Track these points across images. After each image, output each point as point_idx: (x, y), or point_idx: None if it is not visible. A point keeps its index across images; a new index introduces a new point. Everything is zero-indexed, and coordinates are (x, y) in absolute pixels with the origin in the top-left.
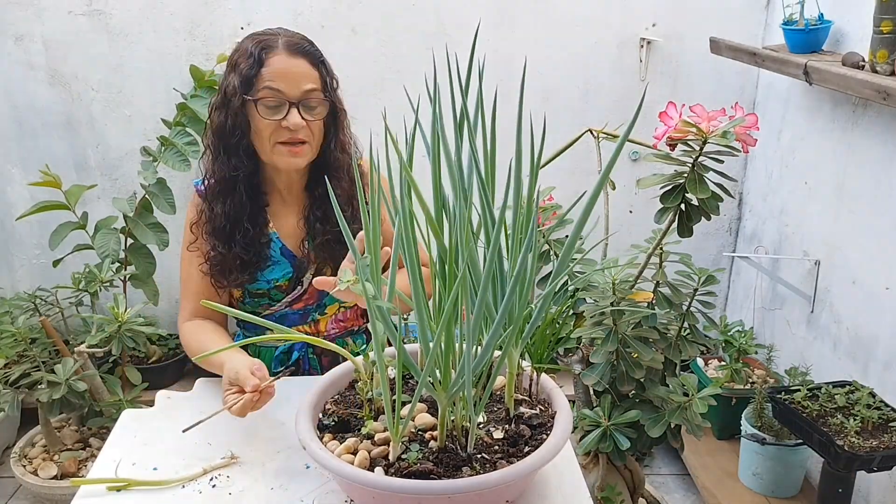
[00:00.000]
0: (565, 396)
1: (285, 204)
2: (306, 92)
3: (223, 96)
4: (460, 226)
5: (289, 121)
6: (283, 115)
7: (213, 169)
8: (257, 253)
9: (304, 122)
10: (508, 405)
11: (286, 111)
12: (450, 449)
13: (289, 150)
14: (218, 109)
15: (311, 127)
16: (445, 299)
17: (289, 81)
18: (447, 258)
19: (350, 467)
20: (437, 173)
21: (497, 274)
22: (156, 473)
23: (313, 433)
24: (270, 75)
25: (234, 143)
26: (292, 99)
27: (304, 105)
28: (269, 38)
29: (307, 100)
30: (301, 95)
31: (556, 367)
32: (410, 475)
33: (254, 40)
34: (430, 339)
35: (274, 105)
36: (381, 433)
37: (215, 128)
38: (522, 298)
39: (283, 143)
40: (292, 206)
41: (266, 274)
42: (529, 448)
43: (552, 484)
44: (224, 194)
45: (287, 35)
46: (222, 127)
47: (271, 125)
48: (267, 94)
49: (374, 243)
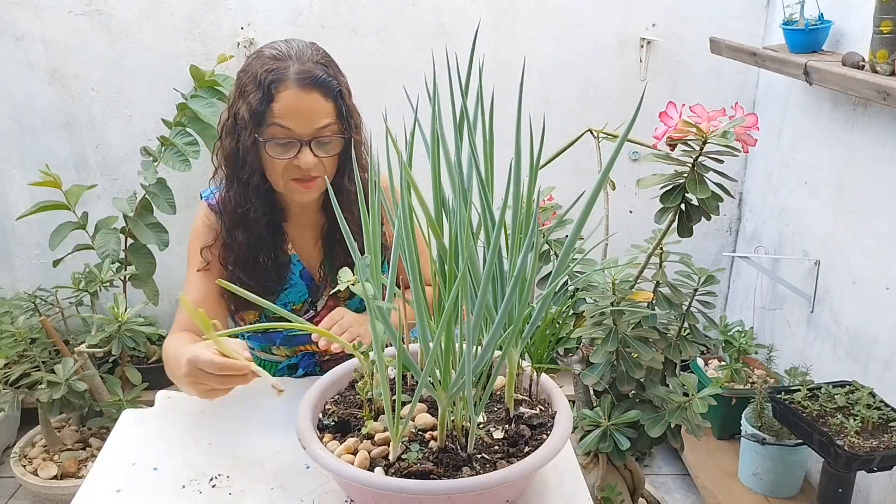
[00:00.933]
0: (565, 396)
1: (302, 227)
2: (319, 129)
3: (233, 122)
4: (460, 226)
5: (300, 160)
6: (293, 153)
7: (228, 196)
8: (280, 277)
9: (316, 160)
10: (508, 405)
11: (297, 150)
12: (450, 449)
13: (301, 185)
14: (229, 135)
15: (324, 162)
16: (445, 299)
17: (300, 119)
18: (447, 258)
19: (350, 467)
20: (436, 173)
21: (497, 274)
22: (156, 473)
23: (313, 433)
24: (280, 112)
25: (245, 179)
26: (304, 138)
27: (316, 142)
28: (280, 68)
29: (320, 137)
30: (313, 133)
31: (556, 367)
32: (410, 475)
33: (263, 66)
34: (429, 339)
35: (284, 143)
36: (381, 433)
37: (227, 155)
38: (522, 298)
39: (295, 180)
40: (309, 229)
41: (283, 297)
42: (529, 448)
43: (552, 484)
44: (244, 222)
45: (300, 60)
46: (234, 157)
47: (282, 163)
48: (277, 131)
49: (373, 244)
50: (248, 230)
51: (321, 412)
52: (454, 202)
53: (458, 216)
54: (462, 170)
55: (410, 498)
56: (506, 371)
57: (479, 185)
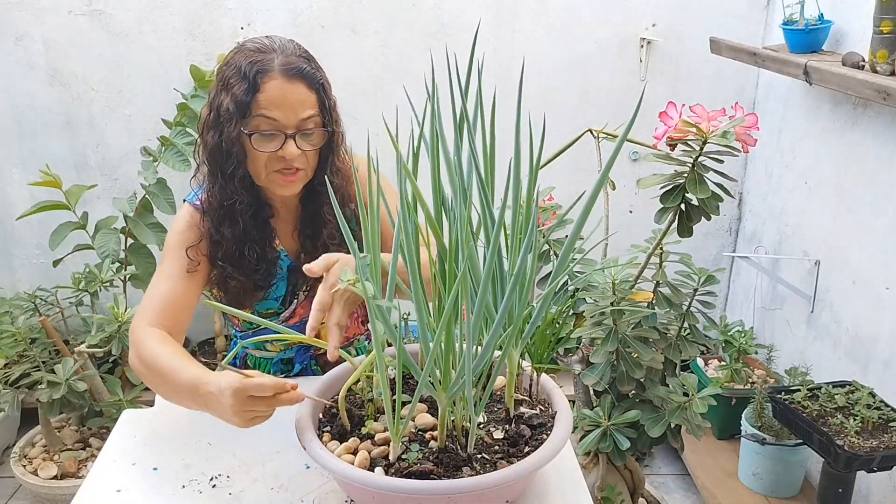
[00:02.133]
0: (565, 396)
1: (286, 222)
2: (303, 120)
3: (216, 115)
4: (460, 225)
5: (285, 151)
6: (279, 145)
7: (213, 192)
8: (270, 272)
9: (300, 152)
10: (508, 405)
11: (282, 142)
12: (450, 449)
13: (283, 178)
14: (211, 129)
15: (307, 155)
16: (445, 299)
17: (285, 109)
18: (447, 258)
19: (350, 467)
20: (436, 173)
21: (497, 274)
22: (156, 473)
23: (313, 433)
24: (266, 102)
25: (230, 172)
26: (288, 129)
27: (301, 134)
28: (264, 59)
29: (304, 129)
30: (298, 124)
31: (556, 367)
32: (410, 475)
33: (247, 58)
34: (429, 339)
35: (269, 134)
36: (381, 433)
37: (210, 149)
38: (522, 298)
39: (278, 171)
40: (292, 224)
41: (273, 291)
42: (529, 448)
43: (552, 484)
44: (231, 216)
45: (284, 52)
46: (217, 150)
47: (265, 155)
48: (262, 122)
49: (372, 243)
50: (234, 223)
51: (321, 412)
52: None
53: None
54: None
55: (410, 498)
56: (506, 371)
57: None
